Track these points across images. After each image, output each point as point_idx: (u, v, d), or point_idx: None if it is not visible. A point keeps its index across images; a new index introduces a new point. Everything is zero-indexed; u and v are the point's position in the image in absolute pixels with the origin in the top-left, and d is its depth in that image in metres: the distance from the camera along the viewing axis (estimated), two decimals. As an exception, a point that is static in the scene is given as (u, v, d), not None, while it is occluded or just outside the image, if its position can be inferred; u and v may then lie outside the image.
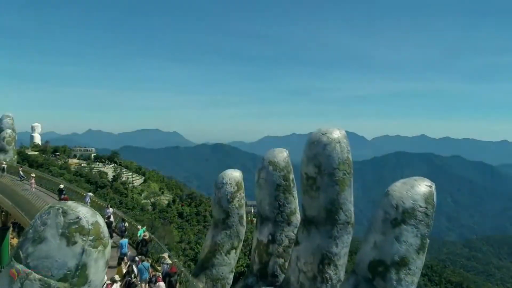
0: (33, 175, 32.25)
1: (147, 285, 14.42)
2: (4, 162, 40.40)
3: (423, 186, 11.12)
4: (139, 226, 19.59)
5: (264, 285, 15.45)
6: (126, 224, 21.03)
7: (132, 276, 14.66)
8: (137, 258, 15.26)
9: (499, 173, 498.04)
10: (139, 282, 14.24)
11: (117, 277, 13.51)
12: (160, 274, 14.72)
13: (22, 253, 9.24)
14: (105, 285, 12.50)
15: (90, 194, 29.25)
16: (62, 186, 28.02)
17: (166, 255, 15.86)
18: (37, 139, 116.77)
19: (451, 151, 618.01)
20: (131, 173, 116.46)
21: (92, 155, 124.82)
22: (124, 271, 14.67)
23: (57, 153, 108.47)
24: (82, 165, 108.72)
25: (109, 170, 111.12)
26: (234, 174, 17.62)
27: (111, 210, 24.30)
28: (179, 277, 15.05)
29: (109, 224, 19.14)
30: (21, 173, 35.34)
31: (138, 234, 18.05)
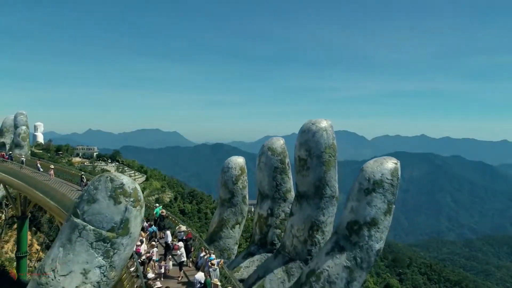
0: (52, 166, 35.11)
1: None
2: (23, 155, 43.37)
3: (390, 163, 14.02)
4: (156, 204, 22.30)
5: (264, 252, 18.35)
6: None
7: (155, 240, 17.56)
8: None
9: (499, 173, 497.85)
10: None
11: (143, 239, 16.35)
12: (177, 243, 17.45)
13: (79, 211, 12.11)
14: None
15: None
16: (83, 173, 31.04)
17: (181, 225, 18.64)
18: (40, 138, 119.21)
19: (451, 151, 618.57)
20: (133, 172, 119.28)
21: (95, 153, 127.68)
22: (142, 238, 17.39)
23: (60, 152, 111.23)
24: (85, 163, 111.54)
25: (111, 169, 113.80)
26: (238, 160, 20.55)
27: None
28: (194, 242, 17.84)
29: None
30: (39, 165, 38.15)
31: (155, 212, 20.83)
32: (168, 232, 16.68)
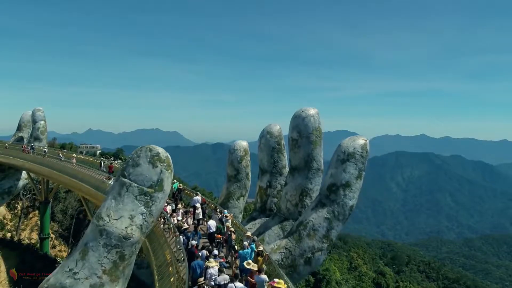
0: (74, 155, 39.51)
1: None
2: (46, 147, 47.72)
3: (361, 140, 18.21)
4: (174, 181, 26.29)
5: (264, 217, 22.50)
6: None
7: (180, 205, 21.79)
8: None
9: (499, 172, 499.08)
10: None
11: (169, 200, 20.46)
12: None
13: (126, 172, 16.17)
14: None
15: None
16: (101, 159, 35.49)
17: (198, 193, 22.77)
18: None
19: (451, 151, 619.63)
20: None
21: (98, 151, 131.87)
22: None
23: (64, 150, 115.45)
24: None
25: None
26: (243, 143, 24.74)
27: None
28: (207, 205, 21.95)
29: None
30: (61, 155, 42.39)
31: (173, 187, 24.83)
32: (197, 197, 20.96)
